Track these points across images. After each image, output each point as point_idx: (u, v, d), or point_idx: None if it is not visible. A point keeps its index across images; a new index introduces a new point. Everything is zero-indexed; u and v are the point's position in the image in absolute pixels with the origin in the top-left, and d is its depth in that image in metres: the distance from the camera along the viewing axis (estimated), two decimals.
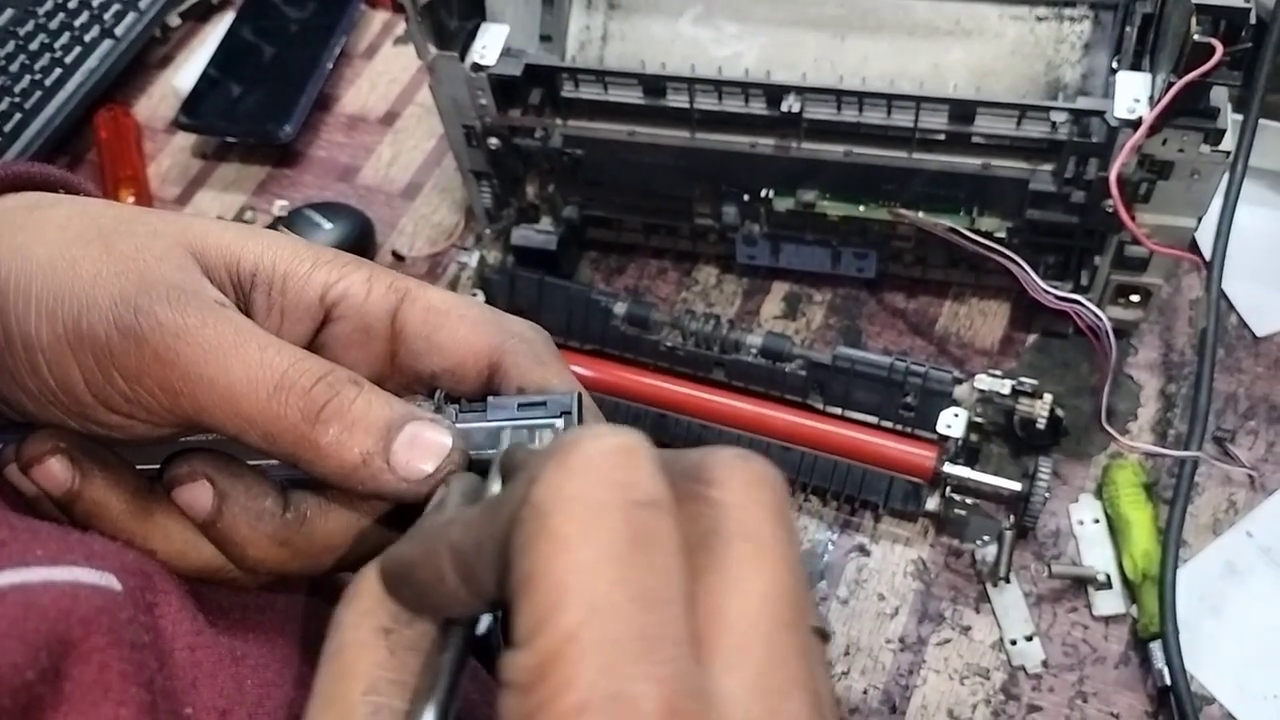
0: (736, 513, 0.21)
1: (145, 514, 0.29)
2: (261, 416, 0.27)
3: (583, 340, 0.65)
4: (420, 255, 0.74)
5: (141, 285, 0.27)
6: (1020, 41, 0.64)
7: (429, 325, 0.31)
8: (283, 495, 0.29)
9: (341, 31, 0.82)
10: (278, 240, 0.31)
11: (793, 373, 0.61)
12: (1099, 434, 0.61)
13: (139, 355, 0.27)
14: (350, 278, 0.31)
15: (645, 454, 0.21)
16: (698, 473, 0.22)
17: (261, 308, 0.30)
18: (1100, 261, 0.59)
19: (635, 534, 0.19)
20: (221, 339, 0.27)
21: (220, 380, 0.26)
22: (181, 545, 0.30)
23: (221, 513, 0.29)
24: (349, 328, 0.31)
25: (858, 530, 0.60)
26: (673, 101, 0.59)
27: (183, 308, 0.27)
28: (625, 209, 0.68)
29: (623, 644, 0.18)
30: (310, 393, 0.27)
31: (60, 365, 0.27)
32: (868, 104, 0.57)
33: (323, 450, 0.27)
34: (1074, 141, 0.54)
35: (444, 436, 0.28)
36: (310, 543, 0.29)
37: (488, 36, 0.59)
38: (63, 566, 0.26)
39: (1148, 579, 0.55)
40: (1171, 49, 0.50)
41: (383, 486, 0.27)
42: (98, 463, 0.29)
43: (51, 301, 0.27)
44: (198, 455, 0.29)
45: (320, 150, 0.80)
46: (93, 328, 0.27)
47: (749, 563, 0.21)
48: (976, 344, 0.66)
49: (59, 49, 0.81)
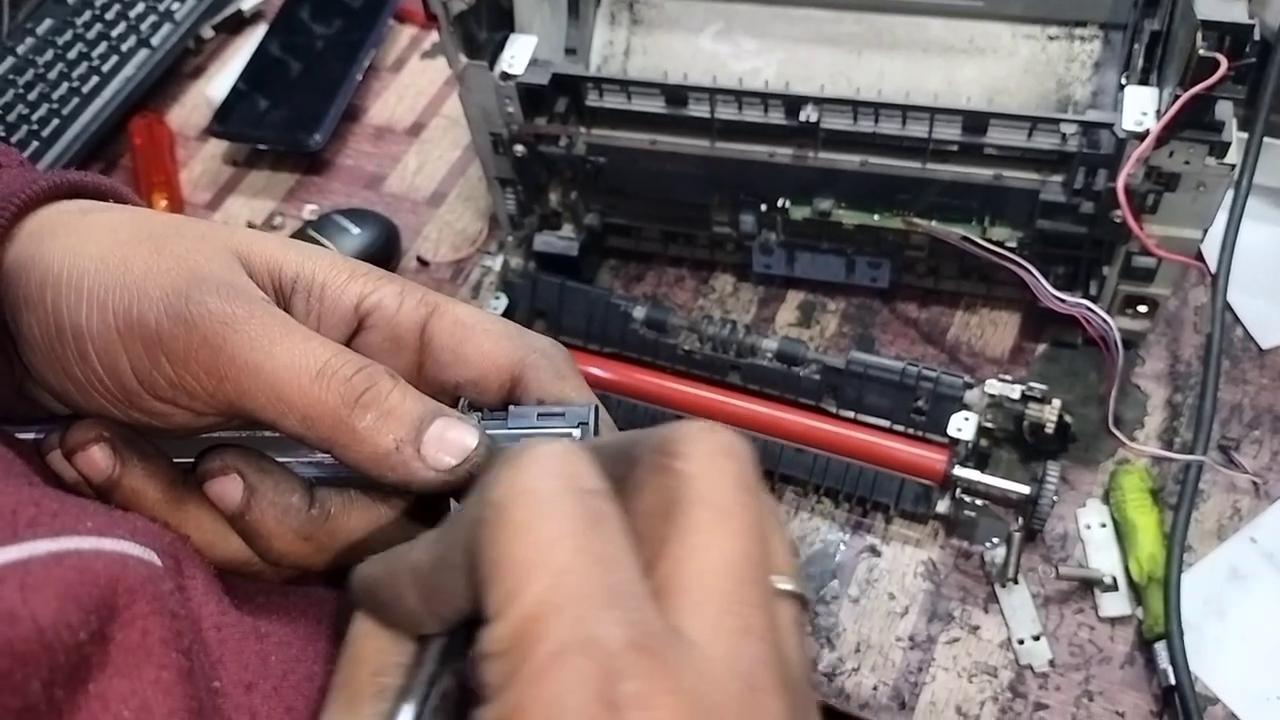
0: (698, 482, 0.22)
1: (179, 504, 0.31)
2: (302, 400, 0.28)
3: (602, 343, 0.67)
4: (444, 261, 0.76)
5: (192, 279, 0.29)
6: (1032, 60, 0.66)
7: (456, 338, 0.32)
8: (309, 492, 0.31)
9: (370, 45, 0.85)
10: (317, 252, 0.33)
11: (807, 377, 0.62)
12: (1107, 441, 0.62)
13: (188, 340, 0.28)
14: (383, 290, 0.32)
15: (585, 454, 0.23)
16: (664, 445, 0.23)
17: (300, 312, 0.32)
18: (1108, 272, 0.61)
19: (587, 514, 0.21)
20: (268, 328, 0.29)
21: (265, 365, 0.28)
22: (211, 535, 0.31)
23: (250, 506, 0.30)
24: (380, 337, 0.33)
25: (869, 531, 0.61)
26: (694, 111, 0.61)
27: (232, 299, 0.29)
28: (645, 217, 0.70)
29: (589, 597, 0.20)
30: (351, 380, 0.28)
31: (109, 353, 0.29)
32: (883, 115, 0.58)
33: (359, 434, 0.28)
34: (1083, 153, 0.56)
35: (469, 435, 0.29)
36: (333, 538, 0.31)
37: (516, 47, 0.61)
38: (111, 538, 0.27)
39: (1153, 582, 0.56)
40: (1178, 63, 0.51)
41: (412, 474, 0.29)
42: (137, 452, 0.31)
43: (103, 293, 0.29)
44: (230, 451, 0.31)
45: (348, 159, 0.82)
46: (143, 315, 0.28)
47: (708, 529, 0.22)
48: (987, 353, 0.67)
49: (96, 58, 0.84)
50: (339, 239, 0.74)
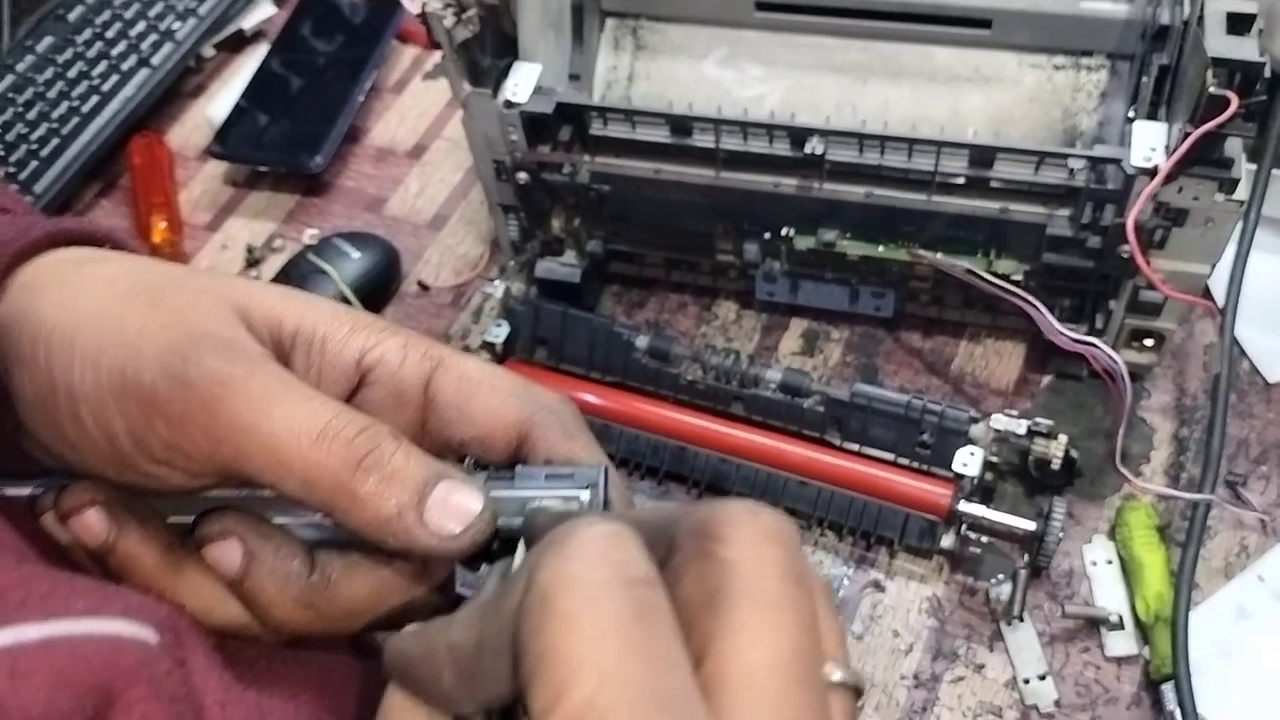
0: (743, 571, 0.21)
1: (176, 569, 0.30)
2: (302, 464, 0.27)
3: (604, 372, 0.66)
4: (445, 285, 0.75)
5: (189, 337, 0.28)
6: (1038, 89, 0.66)
7: (461, 394, 0.32)
8: (310, 556, 0.30)
9: (372, 66, 0.84)
10: (318, 303, 0.32)
11: (811, 408, 0.62)
12: (1112, 475, 0.62)
13: (184, 402, 0.27)
14: (387, 343, 0.32)
15: (634, 538, 0.22)
16: (706, 529, 0.22)
17: (300, 367, 0.31)
18: (1115, 306, 0.60)
19: (636, 606, 0.20)
20: (267, 388, 0.28)
21: (264, 427, 0.27)
22: (209, 601, 0.30)
23: (250, 572, 0.29)
24: (383, 393, 0.32)
25: (873, 566, 0.61)
26: (699, 141, 0.61)
27: (230, 358, 0.28)
28: (648, 244, 0.70)
29: (639, 701, 0.19)
30: (353, 442, 0.28)
31: (102, 414, 0.28)
32: (889, 148, 0.58)
33: (360, 499, 0.28)
34: (1091, 188, 0.55)
35: (474, 500, 0.28)
36: (334, 606, 0.30)
37: (520, 74, 0.61)
38: (104, 619, 0.26)
39: (1160, 621, 0.56)
40: (1187, 100, 0.51)
41: (414, 541, 0.28)
42: (133, 516, 0.30)
43: (96, 352, 0.28)
44: (229, 514, 0.30)
45: (349, 181, 0.82)
46: (138, 375, 0.28)
47: (755, 624, 0.21)
48: (992, 384, 0.67)
49: (96, 76, 0.83)
50: (339, 263, 0.73)
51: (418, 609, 0.31)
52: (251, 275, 0.77)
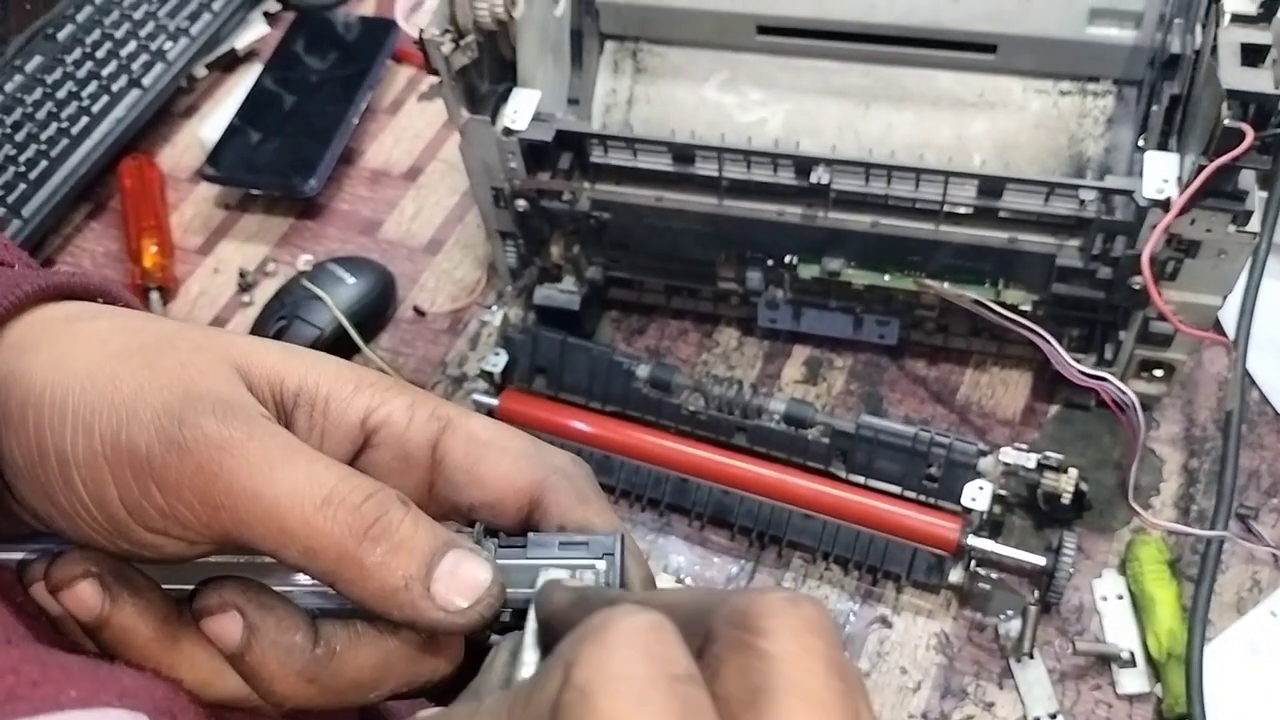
0: (787, 666, 0.20)
1: (173, 642, 0.29)
2: (305, 531, 0.26)
3: (604, 401, 0.65)
4: (441, 311, 0.74)
5: (186, 399, 0.27)
6: (1044, 115, 0.65)
7: (470, 457, 0.30)
8: (313, 628, 0.29)
9: (367, 87, 0.83)
10: (321, 361, 0.30)
11: (815, 440, 0.61)
12: (1122, 508, 0.61)
13: (180, 467, 0.26)
14: (392, 403, 0.30)
15: (674, 630, 0.21)
16: (744, 620, 0.21)
17: (303, 428, 0.30)
18: (1124, 336, 0.59)
19: (681, 707, 0.19)
20: (268, 451, 0.26)
21: (265, 493, 0.26)
22: (208, 675, 0.29)
23: (250, 646, 0.28)
24: (388, 455, 0.30)
25: (879, 601, 0.60)
26: (701, 169, 0.60)
27: (229, 420, 0.27)
28: (649, 271, 0.69)
29: None
30: (360, 509, 0.26)
31: (95, 481, 0.27)
32: (896, 177, 0.57)
33: (366, 570, 0.26)
34: (1102, 219, 0.54)
35: (483, 571, 0.27)
36: (338, 679, 0.29)
37: (519, 101, 0.60)
38: (96, 709, 0.25)
39: (1173, 658, 0.55)
40: (1201, 132, 0.50)
41: (420, 614, 0.27)
42: (128, 587, 0.28)
43: (89, 415, 0.27)
44: (229, 584, 0.29)
45: (343, 204, 0.81)
46: (133, 441, 0.26)
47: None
48: (998, 414, 0.66)
49: (86, 97, 0.82)
50: (334, 289, 0.72)
51: (424, 680, 0.30)
52: (244, 300, 0.76)
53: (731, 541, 0.63)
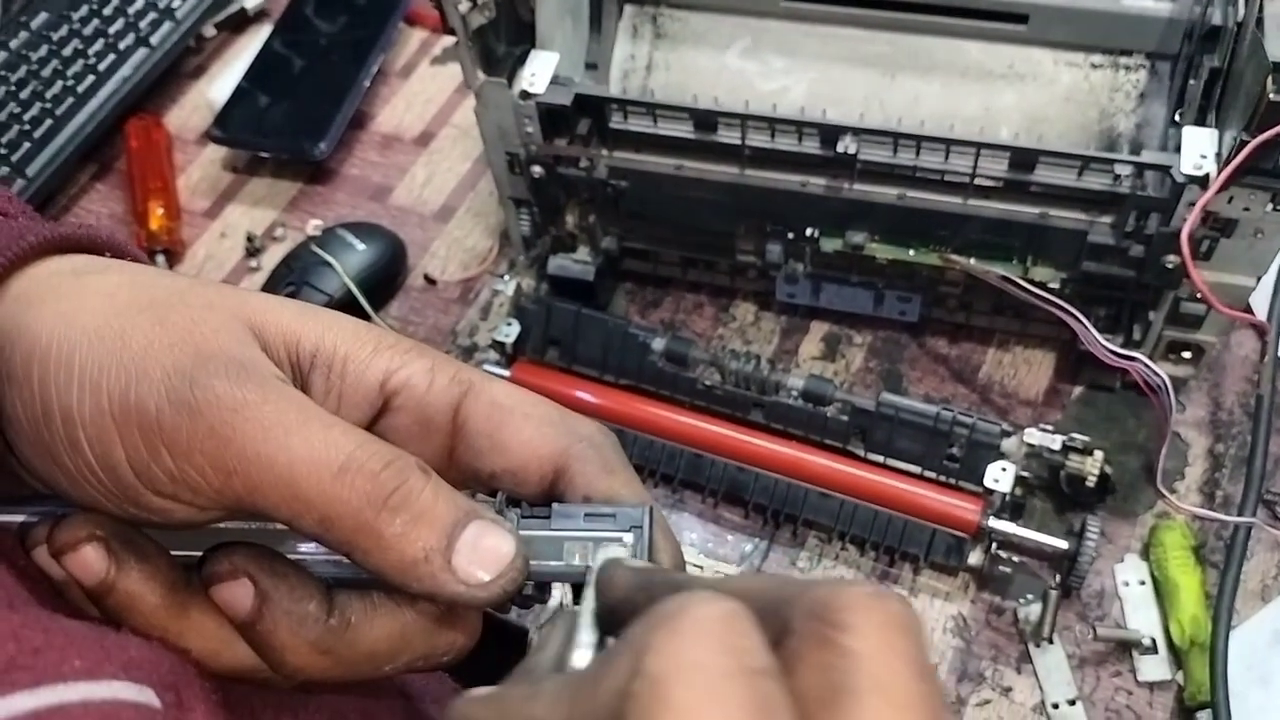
0: (871, 665, 0.19)
1: (181, 610, 0.28)
2: (322, 499, 0.25)
3: (618, 375, 0.64)
4: (452, 280, 0.73)
5: (197, 358, 0.26)
6: (1074, 88, 0.63)
7: (493, 423, 0.29)
8: (327, 598, 0.28)
9: (379, 49, 0.81)
10: (339, 321, 0.29)
11: (834, 417, 0.59)
12: (1146, 492, 0.59)
13: (191, 430, 0.25)
14: (412, 365, 0.29)
15: (752, 620, 0.20)
16: (825, 613, 0.20)
17: (319, 391, 0.28)
18: (1154, 317, 0.58)
19: (758, 702, 0.18)
20: (283, 415, 0.25)
21: (280, 458, 0.25)
22: (216, 644, 0.28)
23: (262, 615, 0.27)
24: (408, 419, 0.29)
25: (896, 582, 0.59)
26: (723, 137, 0.58)
27: (242, 382, 0.25)
28: (666, 242, 0.67)
29: None
30: (379, 476, 0.25)
31: (103, 442, 0.26)
32: (925, 148, 0.56)
33: (386, 541, 0.25)
34: (1137, 195, 0.53)
35: (506, 544, 0.26)
36: (353, 651, 0.28)
37: (537, 64, 0.58)
38: (101, 681, 0.24)
39: (1195, 646, 0.54)
40: (1244, 106, 0.48)
41: (440, 587, 0.26)
42: (134, 552, 0.27)
43: (96, 373, 0.26)
44: (240, 551, 0.28)
45: (353, 169, 0.79)
46: (141, 401, 0.25)
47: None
48: (1021, 394, 0.64)
49: (92, 55, 0.80)
50: (343, 255, 0.70)
51: (442, 653, 0.28)
52: (251, 265, 0.75)
53: (746, 519, 0.62)
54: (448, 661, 0.29)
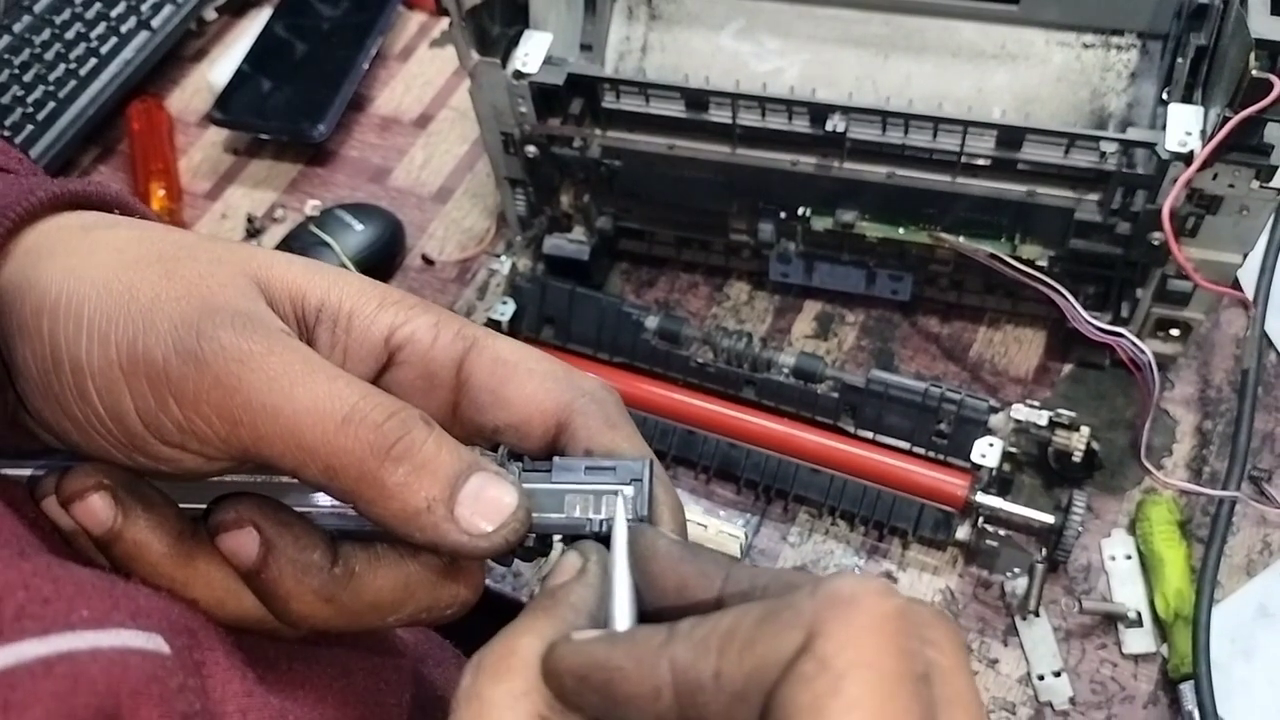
0: (954, 679, 0.21)
1: (187, 559, 0.28)
2: (326, 449, 0.25)
3: (612, 353, 0.64)
4: (450, 260, 0.73)
5: (204, 310, 0.26)
6: (1066, 68, 0.64)
7: (496, 378, 0.30)
8: (331, 548, 0.28)
9: (378, 32, 0.82)
10: (344, 277, 0.30)
11: (824, 394, 0.60)
12: (1133, 468, 0.60)
13: (198, 380, 0.25)
14: (417, 321, 0.30)
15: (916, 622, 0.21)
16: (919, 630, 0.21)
17: (325, 345, 0.29)
18: (1141, 294, 0.58)
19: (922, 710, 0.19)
20: (288, 366, 0.26)
21: (285, 409, 0.25)
22: (222, 593, 0.28)
23: (267, 563, 0.27)
24: (412, 374, 0.30)
25: (885, 557, 0.59)
26: (715, 116, 0.59)
27: (248, 333, 0.26)
28: (660, 221, 0.68)
29: None
30: (382, 427, 0.26)
31: (111, 391, 0.26)
32: (914, 126, 0.56)
33: (388, 490, 0.26)
34: (1123, 172, 0.53)
35: (509, 495, 0.27)
36: (357, 600, 0.28)
37: (531, 44, 0.59)
38: (110, 629, 0.24)
39: (1180, 619, 0.54)
40: (1227, 83, 0.49)
41: (442, 537, 0.26)
42: (141, 501, 0.28)
43: (105, 324, 0.26)
44: (245, 500, 0.28)
45: (353, 150, 0.80)
46: (149, 351, 0.26)
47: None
48: (1011, 372, 0.65)
49: (95, 39, 0.81)
50: (342, 235, 0.71)
51: (445, 605, 0.29)
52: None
53: (738, 495, 0.62)
54: (451, 614, 0.29)
